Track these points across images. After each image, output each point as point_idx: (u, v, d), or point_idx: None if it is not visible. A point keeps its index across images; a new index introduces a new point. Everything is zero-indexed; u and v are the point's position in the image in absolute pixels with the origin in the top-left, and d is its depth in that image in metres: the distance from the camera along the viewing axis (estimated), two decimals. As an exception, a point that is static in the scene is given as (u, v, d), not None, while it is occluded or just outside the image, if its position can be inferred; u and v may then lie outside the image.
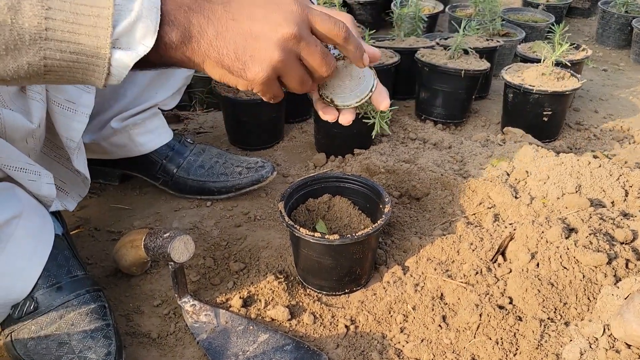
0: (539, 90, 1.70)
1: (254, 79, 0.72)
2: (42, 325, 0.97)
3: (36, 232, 0.99)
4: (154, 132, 1.40)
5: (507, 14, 2.72)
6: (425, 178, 1.49)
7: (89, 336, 0.96)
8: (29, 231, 0.97)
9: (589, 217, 1.16)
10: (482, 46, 2.03)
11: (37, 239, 0.99)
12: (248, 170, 1.47)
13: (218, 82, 1.69)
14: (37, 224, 0.99)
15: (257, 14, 0.70)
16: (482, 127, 1.96)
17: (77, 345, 0.94)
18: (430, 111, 1.92)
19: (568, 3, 2.96)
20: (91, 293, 1.02)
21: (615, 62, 2.68)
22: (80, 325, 0.97)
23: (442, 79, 1.83)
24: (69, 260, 1.02)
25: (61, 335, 0.96)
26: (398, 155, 1.66)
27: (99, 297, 1.03)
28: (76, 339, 0.95)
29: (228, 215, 1.45)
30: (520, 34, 2.43)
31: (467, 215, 1.37)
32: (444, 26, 2.93)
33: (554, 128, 1.81)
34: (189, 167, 1.46)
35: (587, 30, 3.10)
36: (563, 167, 1.36)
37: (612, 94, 2.20)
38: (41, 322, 0.97)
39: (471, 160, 1.59)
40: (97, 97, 1.25)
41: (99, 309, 1.00)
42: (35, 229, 0.99)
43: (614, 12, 2.75)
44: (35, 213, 0.99)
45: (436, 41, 2.11)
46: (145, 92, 1.30)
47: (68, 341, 0.95)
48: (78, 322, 0.97)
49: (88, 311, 0.99)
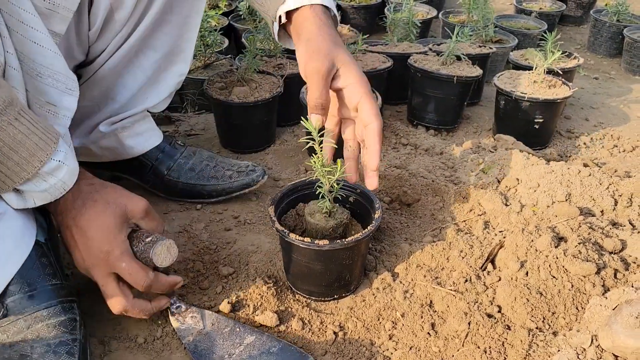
0: (530, 97, 1.70)
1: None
2: (8, 334, 0.94)
3: (16, 235, 0.97)
4: (144, 135, 1.39)
5: (500, 21, 2.74)
6: (416, 184, 1.49)
7: (52, 351, 0.93)
8: (8, 232, 0.95)
9: (579, 226, 1.16)
10: (474, 53, 2.04)
11: (16, 242, 0.97)
12: (239, 174, 1.47)
13: (209, 84, 1.70)
14: (19, 227, 0.97)
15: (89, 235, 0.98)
16: (474, 133, 1.96)
17: (38, 359, 0.91)
18: (422, 117, 1.92)
19: (560, 11, 2.98)
20: (63, 304, 0.98)
21: (606, 70, 2.70)
22: (46, 338, 0.94)
23: (435, 85, 1.83)
24: (45, 267, 0.99)
25: (25, 346, 0.92)
26: (389, 161, 1.66)
27: (72, 308, 0.99)
28: (38, 352, 0.92)
29: (218, 219, 1.44)
30: (513, 41, 2.44)
31: (458, 222, 1.37)
32: (438, 32, 2.93)
33: (545, 135, 1.82)
34: (179, 170, 1.45)
35: (579, 38, 3.12)
36: (553, 175, 1.37)
37: (603, 103, 2.21)
38: (8, 330, 0.94)
39: (462, 167, 1.59)
40: (87, 102, 1.25)
41: (68, 322, 0.97)
42: (15, 231, 0.96)
43: (606, 21, 2.77)
44: (19, 216, 0.97)
45: (429, 47, 2.12)
46: (136, 97, 1.29)
47: (30, 354, 0.91)
48: (44, 335, 0.94)
49: (56, 323, 0.95)
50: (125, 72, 1.23)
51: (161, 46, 1.23)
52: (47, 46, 0.95)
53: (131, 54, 1.19)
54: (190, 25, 1.25)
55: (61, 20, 0.99)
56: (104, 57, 1.18)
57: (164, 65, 1.28)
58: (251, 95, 1.64)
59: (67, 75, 1.01)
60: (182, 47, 1.27)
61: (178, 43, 1.25)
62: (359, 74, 1.07)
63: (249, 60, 1.70)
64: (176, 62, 1.29)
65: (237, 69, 1.78)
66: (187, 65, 1.33)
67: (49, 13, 0.96)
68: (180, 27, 1.23)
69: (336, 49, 1.07)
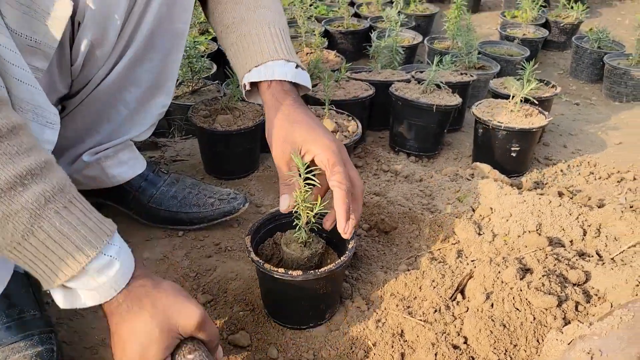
0: (506, 127, 1.75)
1: None
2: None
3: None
4: (127, 164, 1.43)
5: (484, 47, 2.80)
6: (394, 212, 1.53)
7: None
8: None
9: (545, 257, 1.20)
10: (455, 80, 2.09)
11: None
12: (220, 202, 1.50)
13: (194, 112, 1.74)
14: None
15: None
16: (454, 159, 2.00)
17: None
18: (404, 143, 1.97)
19: (543, 37, 3.05)
20: (41, 335, 1.00)
21: (587, 96, 2.76)
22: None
23: (415, 113, 1.88)
24: (23, 298, 1.02)
25: None
26: (370, 188, 1.70)
27: (49, 339, 1.01)
28: None
29: (199, 246, 1.47)
30: (496, 67, 2.50)
31: (433, 251, 1.41)
32: (424, 56, 3.00)
33: (522, 163, 1.86)
34: (162, 197, 1.48)
35: (562, 63, 3.19)
36: (525, 205, 1.41)
37: (581, 129, 2.26)
38: None
39: (439, 195, 1.63)
40: (70, 133, 1.29)
41: (45, 353, 0.98)
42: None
43: (587, 48, 2.84)
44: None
45: (412, 74, 2.17)
46: (119, 128, 1.33)
47: None
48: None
49: (34, 354, 0.97)
50: (109, 105, 1.27)
51: (143, 81, 1.27)
52: (28, 82, 0.97)
53: (114, 88, 1.23)
54: (171, 61, 1.30)
55: (43, 56, 1.02)
56: (87, 91, 1.22)
57: (147, 98, 1.32)
58: (234, 124, 1.68)
59: (48, 110, 1.03)
60: (164, 81, 1.31)
61: (160, 78, 1.30)
62: (322, 143, 1.09)
63: (233, 89, 1.75)
64: (158, 95, 1.33)
65: (222, 97, 1.83)
66: (169, 97, 1.37)
67: (31, 50, 0.99)
68: (161, 63, 1.27)
69: (293, 129, 1.11)
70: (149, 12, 1.16)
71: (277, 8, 1.28)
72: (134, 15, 1.15)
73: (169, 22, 1.22)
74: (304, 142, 1.10)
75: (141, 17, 1.16)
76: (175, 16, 1.22)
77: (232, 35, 1.24)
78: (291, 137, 1.10)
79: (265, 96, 1.18)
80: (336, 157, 1.08)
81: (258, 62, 1.18)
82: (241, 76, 1.22)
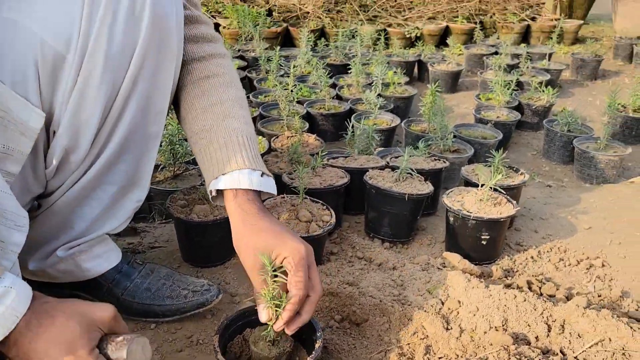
0: (476, 216, 1.81)
1: None
2: None
3: None
4: (102, 257, 1.45)
5: (459, 130, 2.91)
6: (365, 303, 1.55)
7: None
8: None
9: (508, 357, 1.22)
10: (428, 167, 2.17)
11: None
12: (194, 294, 1.52)
13: (172, 201, 1.78)
14: None
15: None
16: (428, 245, 2.05)
17: None
18: (378, 230, 2.02)
19: (516, 120, 3.19)
20: None
21: (559, 177, 2.86)
22: None
23: (388, 201, 1.94)
24: None
25: None
26: (343, 277, 1.73)
27: None
28: None
29: (171, 339, 1.47)
30: (470, 151, 2.59)
31: (402, 345, 1.42)
32: (402, 136, 3.10)
33: (493, 250, 1.91)
34: (135, 290, 1.50)
35: (535, 144, 3.31)
36: (491, 299, 1.44)
37: (552, 213, 2.33)
38: None
39: (411, 285, 1.66)
40: (44, 229, 1.32)
41: None
42: None
43: (558, 131, 2.97)
44: None
45: (387, 160, 2.25)
46: (94, 224, 1.36)
47: None
48: None
49: None
50: (83, 203, 1.30)
51: (118, 180, 1.31)
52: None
53: (88, 188, 1.27)
54: (146, 161, 1.34)
55: (15, 161, 1.07)
56: (61, 191, 1.26)
57: (121, 195, 1.36)
58: (211, 214, 1.73)
59: (18, 213, 1.04)
60: (139, 179, 1.36)
61: (134, 176, 1.34)
62: (289, 247, 1.16)
63: (212, 178, 1.80)
64: (133, 190, 1.37)
65: (200, 185, 1.88)
66: (145, 191, 1.41)
67: (3, 156, 1.04)
68: (136, 163, 1.32)
69: (260, 238, 1.19)
70: (123, 119, 1.22)
71: (244, 117, 1.36)
72: (108, 123, 1.21)
73: (143, 127, 1.28)
74: (273, 248, 1.16)
75: (115, 124, 1.22)
76: (150, 121, 1.29)
77: (201, 142, 1.31)
78: (260, 247, 1.16)
79: (231, 206, 1.24)
80: (300, 261, 1.14)
81: (224, 171, 1.25)
82: (208, 182, 1.29)
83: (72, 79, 1.10)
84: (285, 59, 4.25)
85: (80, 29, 1.07)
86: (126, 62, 1.16)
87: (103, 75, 1.12)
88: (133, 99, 1.21)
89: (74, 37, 1.07)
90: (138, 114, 1.25)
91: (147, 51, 1.17)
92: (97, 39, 1.09)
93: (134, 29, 1.13)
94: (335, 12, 5.45)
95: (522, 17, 5.63)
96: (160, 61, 1.22)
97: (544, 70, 4.19)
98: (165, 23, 1.19)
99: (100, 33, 1.09)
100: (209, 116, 1.32)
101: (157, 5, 1.15)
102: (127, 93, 1.19)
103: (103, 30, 1.09)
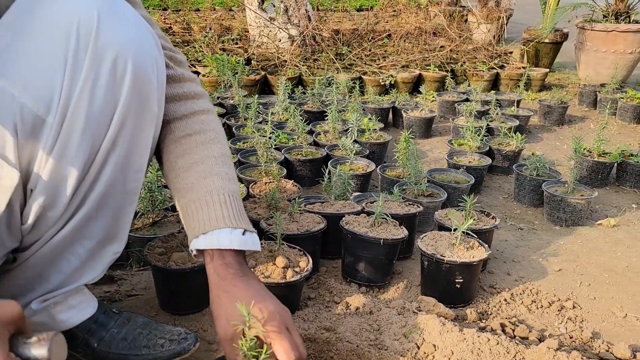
0: (449, 260, 1.86)
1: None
2: None
3: None
4: (77, 308, 1.44)
5: (432, 174, 3.00)
6: (342, 349, 1.56)
7: None
8: None
9: (482, 401, 1.24)
10: (402, 212, 2.23)
11: None
12: (170, 343, 1.51)
13: (150, 249, 1.79)
14: None
15: None
16: (404, 289, 2.08)
17: None
18: (355, 274, 2.05)
19: (487, 165, 3.29)
20: None
21: (531, 219, 2.95)
22: None
23: (364, 246, 1.98)
24: None
25: None
26: (320, 322, 1.74)
27: None
28: None
29: (147, 389, 1.46)
30: (443, 195, 2.67)
31: (379, 391, 1.43)
32: (378, 182, 3.17)
33: (467, 294, 1.95)
34: (111, 340, 1.49)
35: (507, 187, 3.41)
36: (465, 343, 1.47)
37: (524, 256, 2.40)
38: None
39: (387, 329, 1.68)
40: (20, 281, 1.31)
41: None
42: None
43: (527, 175, 3.07)
44: None
45: (363, 205, 2.31)
46: (70, 277, 1.34)
47: None
48: None
49: None
50: (60, 257, 1.29)
51: (95, 235, 1.30)
52: None
53: (65, 243, 1.27)
54: (124, 215, 1.34)
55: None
56: (38, 246, 1.25)
57: (99, 248, 1.34)
58: (189, 261, 1.74)
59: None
60: (116, 233, 1.35)
61: (112, 230, 1.33)
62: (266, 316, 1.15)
63: (190, 226, 1.82)
64: (112, 243, 1.36)
65: (178, 232, 1.90)
66: (122, 244, 1.40)
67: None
68: (114, 218, 1.31)
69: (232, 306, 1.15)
70: (102, 177, 1.22)
71: (228, 174, 1.38)
72: (87, 181, 1.21)
73: (122, 184, 1.28)
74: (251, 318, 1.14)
75: (94, 182, 1.22)
76: (129, 178, 1.29)
77: (182, 200, 1.34)
78: (234, 316, 1.14)
79: (209, 269, 1.26)
80: (277, 328, 1.14)
81: (204, 230, 1.27)
82: (189, 240, 1.30)
83: (51, 139, 1.12)
84: (263, 106, 4.34)
85: (61, 92, 1.09)
86: (106, 123, 1.17)
87: (83, 136, 1.14)
88: (112, 158, 1.22)
89: (55, 101, 1.10)
90: (117, 172, 1.25)
91: (127, 112, 1.19)
92: (78, 101, 1.11)
93: (115, 92, 1.15)
94: (312, 61, 5.61)
95: (490, 66, 5.86)
96: (140, 122, 1.23)
97: (513, 116, 4.34)
98: (147, 86, 1.21)
99: (81, 96, 1.11)
100: (191, 174, 1.34)
101: (139, 69, 1.17)
102: (107, 152, 1.20)
103: (84, 94, 1.11)
